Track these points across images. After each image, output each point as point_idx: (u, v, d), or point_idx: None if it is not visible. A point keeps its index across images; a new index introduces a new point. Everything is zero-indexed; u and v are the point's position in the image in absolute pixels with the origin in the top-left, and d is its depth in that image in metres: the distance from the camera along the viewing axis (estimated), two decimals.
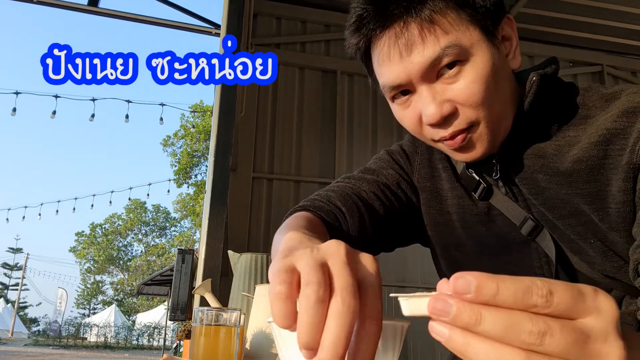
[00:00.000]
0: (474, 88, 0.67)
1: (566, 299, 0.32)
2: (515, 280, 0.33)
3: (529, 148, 0.75)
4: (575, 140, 0.71)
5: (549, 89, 0.75)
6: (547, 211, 0.75)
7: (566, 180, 0.71)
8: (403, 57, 0.68)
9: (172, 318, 3.85)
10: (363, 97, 4.23)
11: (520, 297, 0.32)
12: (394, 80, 0.71)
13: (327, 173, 4.01)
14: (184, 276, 3.79)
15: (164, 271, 12.29)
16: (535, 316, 0.32)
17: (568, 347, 0.31)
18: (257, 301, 1.01)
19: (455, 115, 0.69)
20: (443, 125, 0.70)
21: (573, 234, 0.73)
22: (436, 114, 0.68)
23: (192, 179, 25.00)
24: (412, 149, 0.92)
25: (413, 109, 0.72)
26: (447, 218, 0.86)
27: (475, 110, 0.69)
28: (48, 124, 68.61)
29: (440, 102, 0.69)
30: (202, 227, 2.55)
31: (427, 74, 0.68)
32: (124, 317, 32.77)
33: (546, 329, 0.31)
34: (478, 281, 0.32)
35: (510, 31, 0.74)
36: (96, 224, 38.88)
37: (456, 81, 0.68)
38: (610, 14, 4.16)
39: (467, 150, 0.72)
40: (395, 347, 0.57)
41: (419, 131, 0.74)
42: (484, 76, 0.68)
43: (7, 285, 38.86)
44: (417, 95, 0.71)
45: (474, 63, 0.68)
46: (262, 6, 4.09)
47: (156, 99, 34.17)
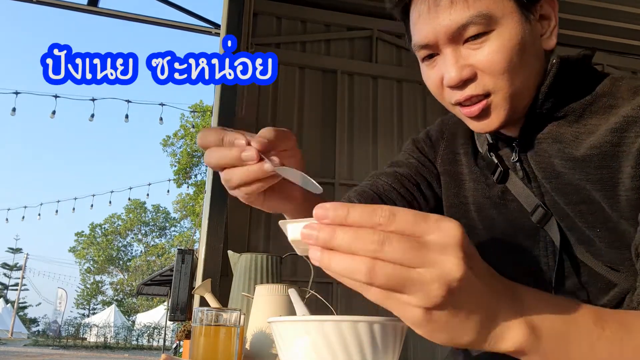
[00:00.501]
0: (497, 57, 0.68)
1: (407, 218, 0.39)
2: (364, 205, 0.39)
3: (549, 132, 0.75)
4: (595, 128, 0.71)
5: (575, 75, 0.74)
6: (559, 197, 0.75)
7: (579, 165, 0.71)
8: (433, 17, 0.70)
9: (172, 318, 3.85)
10: (363, 97, 4.23)
11: (365, 217, 0.39)
12: (422, 39, 0.73)
13: (327, 173, 4.01)
14: (184, 276, 3.79)
15: (163, 271, 12.29)
16: (377, 230, 0.38)
17: (404, 253, 0.37)
18: (257, 301, 1.01)
19: (473, 80, 0.71)
20: (461, 87, 0.72)
21: (582, 222, 0.73)
22: (456, 77, 0.70)
23: (192, 179, 25.03)
24: (438, 134, 0.96)
25: (437, 71, 0.74)
26: (462, 201, 0.88)
27: (493, 78, 0.70)
28: (48, 124, 68.64)
29: (461, 66, 0.70)
30: (202, 227, 2.55)
31: (454, 37, 0.70)
32: (123, 317, 32.78)
33: (385, 239, 0.38)
34: (333, 207, 0.40)
35: (551, 11, 0.75)
36: (96, 224, 38.93)
37: (480, 47, 0.69)
38: (610, 14, 4.16)
39: (482, 118, 0.73)
40: (395, 346, 0.57)
41: (440, 93, 0.77)
42: (509, 47, 0.68)
43: (6, 286, 38.87)
44: (442, 56, 0.73)
45: (501, 33, 0.68)
46: (262, 6, 4.09)
47: (156, 99, 34.14)
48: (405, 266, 0.38)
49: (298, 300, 0.87)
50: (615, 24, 4.24)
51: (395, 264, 0.38)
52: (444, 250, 0.38)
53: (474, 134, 0.89)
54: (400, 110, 4.27)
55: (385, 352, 0.55)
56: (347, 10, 4.28)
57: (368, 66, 4.27)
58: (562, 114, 0.75)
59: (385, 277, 0.38)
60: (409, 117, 4.27)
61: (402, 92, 4.32)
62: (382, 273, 0.38)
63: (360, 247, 0.38)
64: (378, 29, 4.32)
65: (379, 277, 0.37)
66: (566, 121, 0.74)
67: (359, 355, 0.53)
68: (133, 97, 31.91)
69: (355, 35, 4.33)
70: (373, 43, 4.32)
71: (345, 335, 0.53)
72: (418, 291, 0.38)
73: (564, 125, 0.74)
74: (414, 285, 0.38)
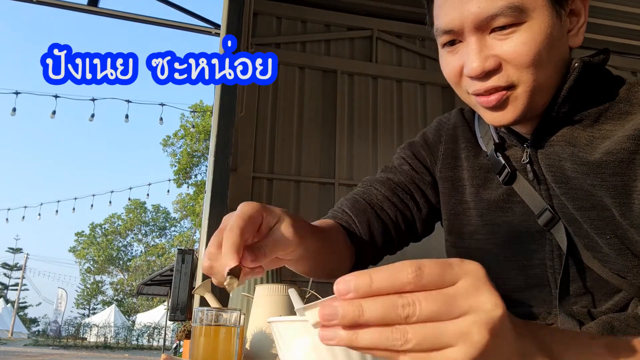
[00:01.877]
0: (524, 49, 0.67)
1: (435, 270, 0.36)
2: (386, 267, 0.36)
3: (562, 135, 0.74)
4: (610, 133, 0.70)
5: (593, 78, 0.73)
6: (568, 202, 0.73)
7: (593, 171, 0.70)
8: (461, 2, 0.68)
9: (172, 318, 3.85)
10: (363, 97, 4.23)
11: (392, 280, 0.36)
12: (447, 24, 0.70)
13: (327, 173, 4.01)
14: (184, 276, 3.79)
15: (163, 271, 12.29)
16: (404, 293, 0.36)
17: (439, 308, 0.35)
18: (257, 301, 1.01)
19: (497, 72, 0.69)
20: (483, 78, 0.69)
21: (591, 228, 0.72)
22: (478, 68, 0.68)
23: (192, 179, 25.02)
24: (436, 138, 0.93)
25: (458, 58, 0.72)
26: (465, 207, 0.86)
27: (518, 71, 0.68)
28: (48, 124, 68.63)
29: (485, 56, 0.68)
30: (202, 227, 2.55)
31: (481, 26, 0.68)
32: (123, 317, 32.77)
33: (414, 299, 0.35)
34: (354, 278, 0.36)
35: (582, 7, 0.73)
36: (96, 224, 38.94)
37: (508, 38, 0.67)
38: (610, 14, 4.16)
39: (499, 109, 0.71)
40: None
41: (457, 81, 0.74)
42: (537, 41, 0.67)
43: (6, 286, 38.88)
44: (465, 44, 0.70)
45: (531, 26, 0.67)
46: (262, 6, 4.09)
47: (156, 99, 34.17)
48: (441, 321, 0.35)
49: (298, 300, 0.87)
50: (615, 24, 4.24)
51: (429, 321, 0.35)
52: (477, 293, 0.36)
53: (478, 134, 0.87)
54: (400, 110, 4.27)
55: None
56: (347, 10, 4.28)
57: (368, 66, 4.27)
58: (577, 117, 0.73)
59: (423, 339, 0.35)
60: (409, 117, 4.27)
61: (402, 92, 4.32)
62: (419, 335, 0.35)
63: (393, 317, 0.35)
64: (378, 29, 4.32)
65: (416, 340, 0.35)
66: (581, 125, 0.73)
67: (358, 355, 0.53)
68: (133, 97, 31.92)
69: (355, 35, 4.33)
70: (373, 43, 4.32)
71: None
72: (460, 342, 0.35)
73: (578, 129, 0.73)
74: (455, 337, 0.35)
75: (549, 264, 0.78)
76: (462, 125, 0.90)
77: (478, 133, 0.87)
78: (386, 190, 0.90)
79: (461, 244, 0.87)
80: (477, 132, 0.87)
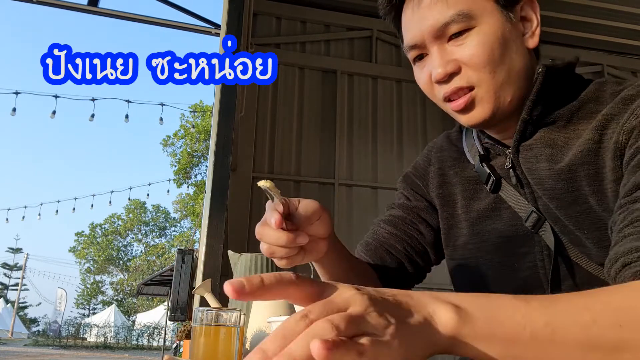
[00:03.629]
0: (477, 51, 0.74)
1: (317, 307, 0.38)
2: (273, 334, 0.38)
3: (540, 138, 0.78)
4: (582, 133, 0.75)
5: (561, 82, 0.79)
6: (550, 202, 0.77)
7: (569, 168, 0.74)
8: (418, 18, 0.78)
9: (172, 318, 3.85)
10: (363, 97, 4.24)
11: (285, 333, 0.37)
12: (411, 40, 0.80)
13: (327, 173, 4.02)
14: (184, 276, 3.79)
15: (163, 271, 12.28)
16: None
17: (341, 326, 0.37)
18: (257, 301, 1.01)
19: (458, 74, 0.76)
20: (447, 81, 0.77)
21: (571, 224, 0.75)
22: (442, 72, 0.76)
23: (192, 179, 25.01)
24: (425, 163, 0.99)
25: (426, 69, 0.80)
26: (457, 220, 0.90)
27: (476, 72, 0.75)
28: (48, 124, 68.64)
29: (446, 61, 0.76)
30: (202, 227, 2.55)
31: (438, 35, 0.76)
32: (123, 317, 32.78)
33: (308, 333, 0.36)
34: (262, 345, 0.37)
35: (532, 13, 0.79)
36: (96, 224, 38.94)
37: (463, 43, 0.75)
38: (610, 14, 4.16)
39: (468, 111, 0.77)
40: None
41: (431, 90, 0.82)
42: (489, 42, 0.74)
43: (6, 286, 38.89)
44: (429, 56, 0.79)
45: (482, 29, 0.74)
46: (262, 6, 4.09)
47: (156, 99, 34.16)
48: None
49: None
50: (615, 24, 4.24)
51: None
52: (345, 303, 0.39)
53: (465, 149, 0.91)
54: (399, 110, 4.27)
55: None
56: (347, 10, 4.29)
57: (368, 66, 4.27)
58: (551, 119, 0.78)
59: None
60: (409, 117, 4.27)
61: (401, 92, 4.32)
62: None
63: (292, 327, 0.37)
64: (378, 29, 4.32)
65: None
66: (555, 127, 0.78)
67: None
68: (133, 97, 31.91)
69: (355, 35, 4.33)
70: (373, 43, 4.32)
71: None
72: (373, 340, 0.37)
73: (554, 130, 0.77)
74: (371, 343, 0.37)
75: (539, 265, 0.80)
76: (449, 146, 0.96)
77: (465, 148, 0.92)
78: (391, 227, 0.96)
79: (456, 255, 0.91)
80: (464, 147, 0.92)
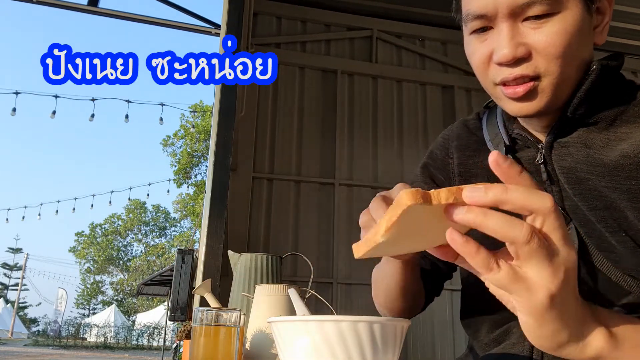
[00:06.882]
0: (556, 40, 0.67)
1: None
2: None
3: (578, 137, 0.74)
4: (626, 136, 0.71)
5: (609, 81, 0.74)
6: (581, 202, 0.73)
7: (609, 172, 0.70)
8: None
9: (172, 318, 3.84)
10: (363, 97, 4.23)
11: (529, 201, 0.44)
12: (480, 8, 0.70)
13: (327, 173, 4.01)
14: (184, 276, 3.78)
15: (163, 271, 12.27)
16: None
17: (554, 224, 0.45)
18: (257, 301, 1.01)
19: (527, 60, 0.69)
20: (512, 66, 0.69)
21: (604, 227, 0.72)
22: (509, 54, 0.68)
23: (192, 179, 24.99)
24: (443, 154, 0.93)
25: (487, 45, 0.71)
26: None
27: (548, 61, 0.68)
28: (48, 124, 68.62)
29: (517, 43, 0.68)
30: (202, 227, 2.55)
31: (515, 12, 0.68)
32: (123, 317, 32.78)
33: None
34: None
35: (607, 6, 0.74)
36: (96, 224, 38.94)
37: (541, 27, 0.67)
38: None
39: (525, 100, 0.71)
40: (395, 346, 0.57)
41: (484, 69, 0.73)
42: (569, 32, 0.67)
43: (6, 286, 38.88)
44: (495, 31, 0.70)
45: (564, 17, 0.67)
46: (262, 5, 4.09)
47: (156, 99, 34.19)
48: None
49: (298, 300, 0.87)
50: (615, 23, 4.24)
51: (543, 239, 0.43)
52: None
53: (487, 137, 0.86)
54: (400, 110, 4.27)
55: (385, 352, 0.55)
56: (347, 10, 4.28)
57: (368, 66, 4.27)
58: (593, 120, 0.73)
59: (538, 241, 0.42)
60: (409, 117, 4.27)
61: (402, 92, 4.32)
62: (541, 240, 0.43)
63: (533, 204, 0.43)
64: (378, 29, 4.32)
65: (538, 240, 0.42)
66: (596, 127, 0.73)
67: (359, 355, 0.53)
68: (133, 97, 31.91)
69: (355, 35, 4.33)
70: (373, 43, 4.32)
71: (345, 335, 0.53)
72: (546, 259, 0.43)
73: (593, 131, 0.73)
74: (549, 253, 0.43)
75: None
76: (467, 135, 0.90)
77: (487, 137, 0.86)
78: None
79: None
80: (485, 136, 0.87)
